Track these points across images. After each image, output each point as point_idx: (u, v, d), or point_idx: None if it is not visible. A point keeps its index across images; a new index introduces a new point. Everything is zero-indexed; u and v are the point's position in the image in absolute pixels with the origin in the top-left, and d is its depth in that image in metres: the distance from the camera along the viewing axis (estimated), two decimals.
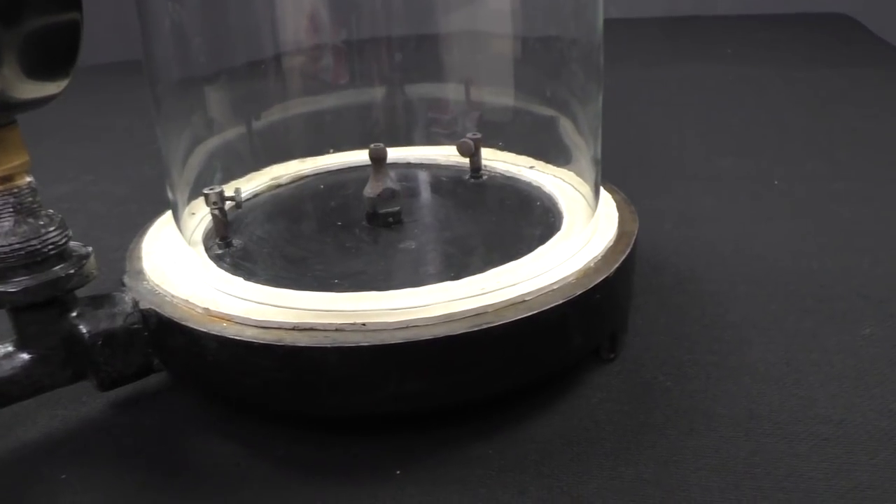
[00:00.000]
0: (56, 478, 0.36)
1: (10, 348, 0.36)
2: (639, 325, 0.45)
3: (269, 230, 0.46)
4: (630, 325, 0.44)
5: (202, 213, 0.46)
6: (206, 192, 0.43)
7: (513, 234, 0.44)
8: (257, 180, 0.52)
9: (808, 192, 0.63)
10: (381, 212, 0.45)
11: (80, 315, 0.36)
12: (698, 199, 0.63)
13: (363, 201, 0.45)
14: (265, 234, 0.45)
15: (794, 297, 0.47)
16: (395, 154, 0.46)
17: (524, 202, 0.48)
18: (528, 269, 0.38)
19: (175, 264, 0.41)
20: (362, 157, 0.54)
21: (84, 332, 0.36)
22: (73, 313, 0.36)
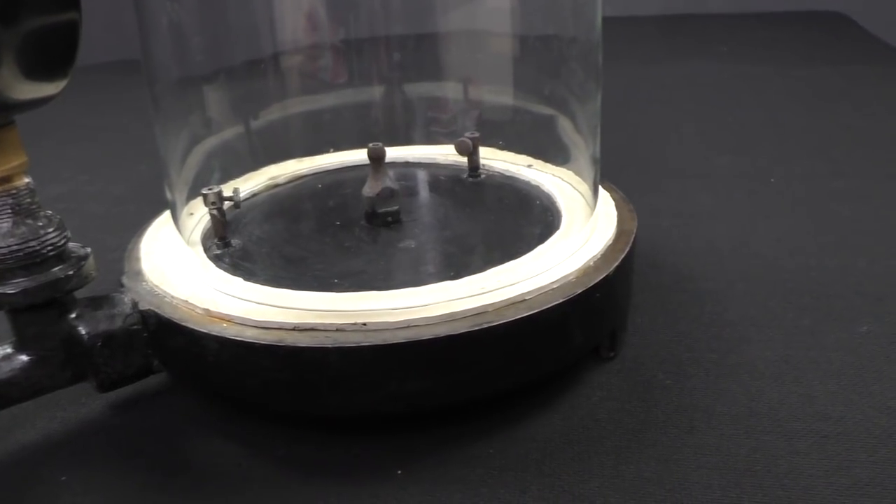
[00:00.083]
0: (56, 479, 0.36)
1: (8, 350, 0.36)
2: (638, 324, 0.45)
3: (267, 230, 0.46)
4: (629, 324, 0.44)
5: (200, 213, 0.46)
6: (204, 192, 0.42)
7: (512, 233, 0.44)
8: (255, 180, 0.52)
9: (806, 190, 0.63)
10: (380, 211, 0.45)
11: (79, 316, 0.36)
12: (696, 196, 0.63)
13: (362, 201, 0.45)
14: (264, 234, 0.45)
15: (793, 295, 0.47)
16: (392, 153, 0.46)
17: (523, 201, 0.48)
18: (528, 268, 0.38)
19: (174, 265, 0.41)
20: (359, 157, 0.54)
21: (83, 333, 0.36)
22: (73, 314, 0.36)
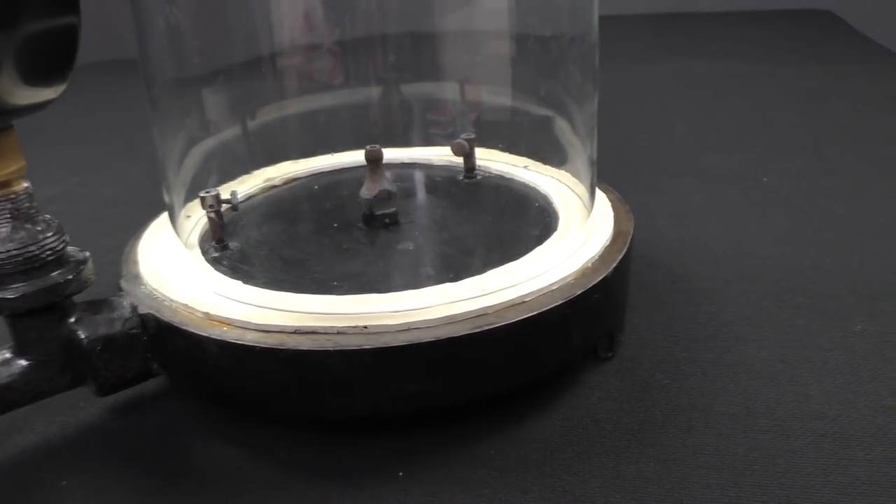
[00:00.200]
0: (56, 484, 0.36)
1: (7, 355, 0.36)
2: (635, 324, 0.45)
3: (265, 232, 0.46)
4: (626, 324, 0.44)
5: (198, 216, 0.46)
6: (202, 195, 0.42)
7: (509, 235, 0.45)
8: (250, 182, 0.52)
9: (798, 189, 0.64)
10: (378, 213, 0.45)
11: (78, 320, 0.36)
12: (689, 196, 0.64)
13: (359, 202, 0.45)
14: (261, 237, 0.45)
15: (787, 294, 0.48)
16: (388, 154, 0.46)
17: (519, 202, 0.48)
18: (526, 269, 0.38)
19: (173, 268, 0.41)
20: (355, 158, 0.54)
21: (83, 337, 0.36)
22: (72, 319, 0.36)
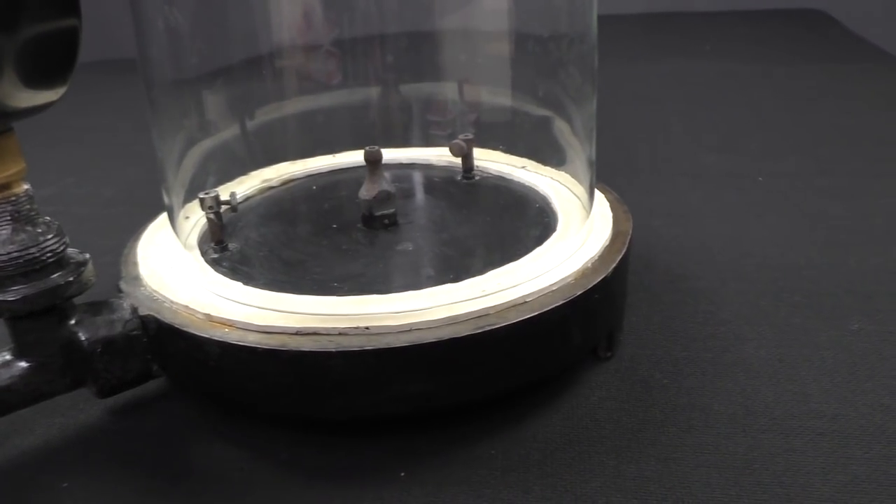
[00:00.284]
0: (57, 486, 0.36)
1: (7, 357, 0.35)
2: (633, 323, 0.45)
3: (264, 233, 0.46)
4: (625, 324, 0.45)
5: (196, 217, 0.45)
6: (201, 196, 0.42)
7: (509, 235, 0.45)
8: (247, 183, 0.52)
9: (793, 189, 0.64)
10: (377, 214, 0.45)
11: (78, 322, 0.36)
12: (686, 195, 0.64)
13: (358, 203, 0.45)
14: (260, 238, 0.45)
15: (784, 293, 0.48)
16: (387, 155, 0.46)
17: (518, 202, 0.48)
18: (527, 270, 0.38)
19: (172, 269, 0.41)
20: (352, 159, 0.54)
21: (83, 339, 0.36)
22: (72, 321, 0.36)
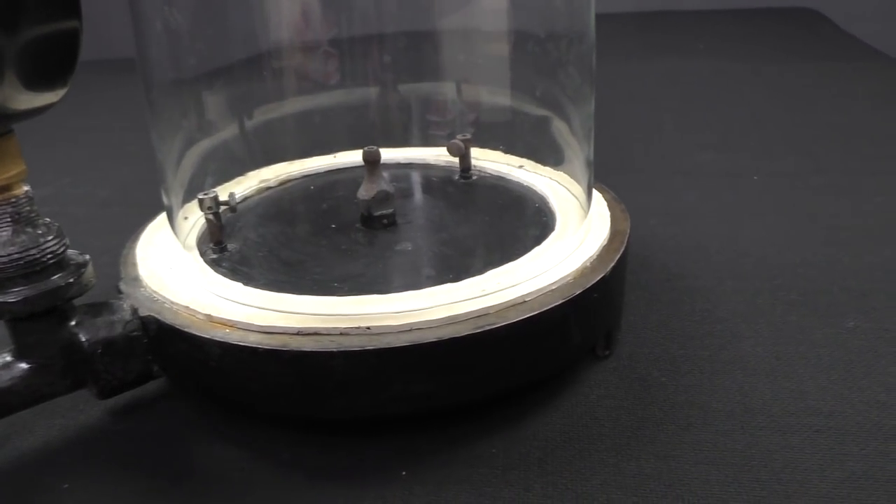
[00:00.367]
0: (58, 487, 0.36)
1: (8, 358, 0.35)
2: (631, 322, 0.46)
3: (263, 234, 0.46)
4: (623, 322, 0.45)
5: (195, 217, 0.46)
6: (200, 196, 0.42)
7: (508, 235, 0.45)
8: (245, 184, 0.52)
9: (789, 187, 0.64)
10: (376, 214, 0.45)
11: (79, 323, 0.36)
12: (681, 194, 0.64)
13: (357, 203, 0.45)
14: (259, 238, 0.45)
15: (780, 292, 0.48)
16: (385, 155, 0.46)
17: (516, 202, 0.48)
18: (526, 269, 0.38)
19: (172, 270, 0.41)
20: (351, 159, 0.54)
21: (83, 340, 0.36)
22: (72, 322, 0.36)
